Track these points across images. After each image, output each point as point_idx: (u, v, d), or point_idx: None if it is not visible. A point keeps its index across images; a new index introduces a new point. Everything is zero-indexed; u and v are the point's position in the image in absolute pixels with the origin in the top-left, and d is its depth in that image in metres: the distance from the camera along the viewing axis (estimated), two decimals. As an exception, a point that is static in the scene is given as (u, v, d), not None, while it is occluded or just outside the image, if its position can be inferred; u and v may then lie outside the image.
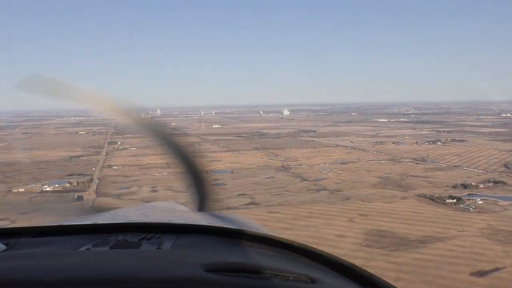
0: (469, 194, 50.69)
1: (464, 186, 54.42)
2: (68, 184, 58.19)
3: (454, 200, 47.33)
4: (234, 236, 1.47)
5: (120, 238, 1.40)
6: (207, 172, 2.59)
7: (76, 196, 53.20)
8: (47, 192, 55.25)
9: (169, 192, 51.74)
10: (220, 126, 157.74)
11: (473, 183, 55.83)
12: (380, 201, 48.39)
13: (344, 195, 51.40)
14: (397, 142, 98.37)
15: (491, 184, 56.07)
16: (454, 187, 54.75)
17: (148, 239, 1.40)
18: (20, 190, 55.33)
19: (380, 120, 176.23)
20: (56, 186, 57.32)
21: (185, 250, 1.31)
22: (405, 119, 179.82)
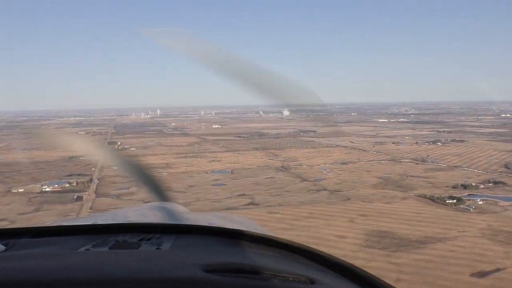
0: (469, 195, 50.62)
1: (464, 187, 54.37)
2: (68, 185, 58.17)
3: (454, 201, 47.24)
4: (233, 236, 1.47)
5: (120, 238, 1.40)
6: (153, 172, 3.54)
7: (75, 197, 53.25)
8: (47, 192, 55.24)
9: (168, 192, 51.75)
10: (220, 126, 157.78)
11: (473, 184, 55.80)
12: (380, 201, 48.34)
13: (344, 195, 51.35)
14: (397, 142, 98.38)
15: (491, 184, 56.03)
16: (454, 187, 54.69)
17: (148, 240, 1.40)
18: (20, 190, 55.32)
19: (380, 120, 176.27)
20: (56, 186, 57.32)
21: (184, 251, 1.32)
22: (405, 119, 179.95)
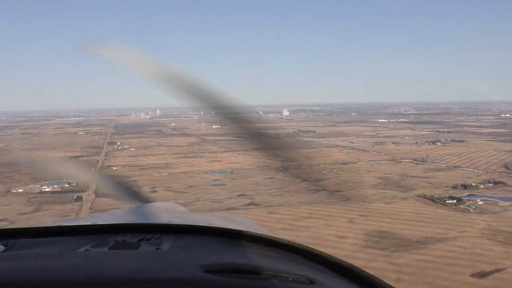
0: (469, 195, 50.53)
1: (464, 187, 54.33)
2: (67, 185, 58.09)
3: (454, 201, 47.19)
4: (233, 236, 1.47)
5: (119, 238, 1.40)
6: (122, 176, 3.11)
7: (75, 197, 53.24)
8: (46, 192, 55.24)
9: (168, 192, 51.81)
10: (219, 127, 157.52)
11: (473, 184, 55.77)
12: (380, 201, 48.32)
13: (344, 195, 51.33)
14: (397, 143, 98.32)
15: (491, 184, 56.00)
16: (454, 187, 54.63)
17: (147, 240, 1.40)
18: (19, 190, 55.31)
19: (379, 120, 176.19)
20: (55, 186, 57.27)
21: (184, 251, 1.32)
22: (404, 120, 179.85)
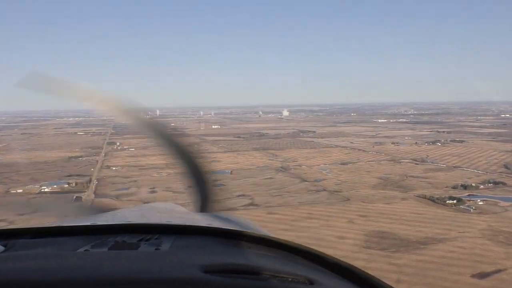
0: (469, 195, 50.56)
1: (464, 187, 54.35)
2: (67, 185, 58.13)
3: (455, 201, 47.21)
4: (232, 237, 1.47)
5: (119, 239, 1.40)
6: (209, 173, 2.59)
7: (74, 197, 53.17)
8: (46, 193, 55.19)
9: (168, 193, 51.74)
10: (219, 127, 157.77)
11: (473, 184, 55.79)
12: (380, 202, 48.32)
13: (344, 196, 51.34)
14: (396, 143, 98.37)
15: (491, 184, 56.01)
16: (454, 187, 54.65)
17: (147, 240, 1.39)
18: (19, 191, 55.26)
19: (379, 120, 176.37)
20: (55, 187, 57.25)
21: (183, 251, 1.31)
22: (404, 120, 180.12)
